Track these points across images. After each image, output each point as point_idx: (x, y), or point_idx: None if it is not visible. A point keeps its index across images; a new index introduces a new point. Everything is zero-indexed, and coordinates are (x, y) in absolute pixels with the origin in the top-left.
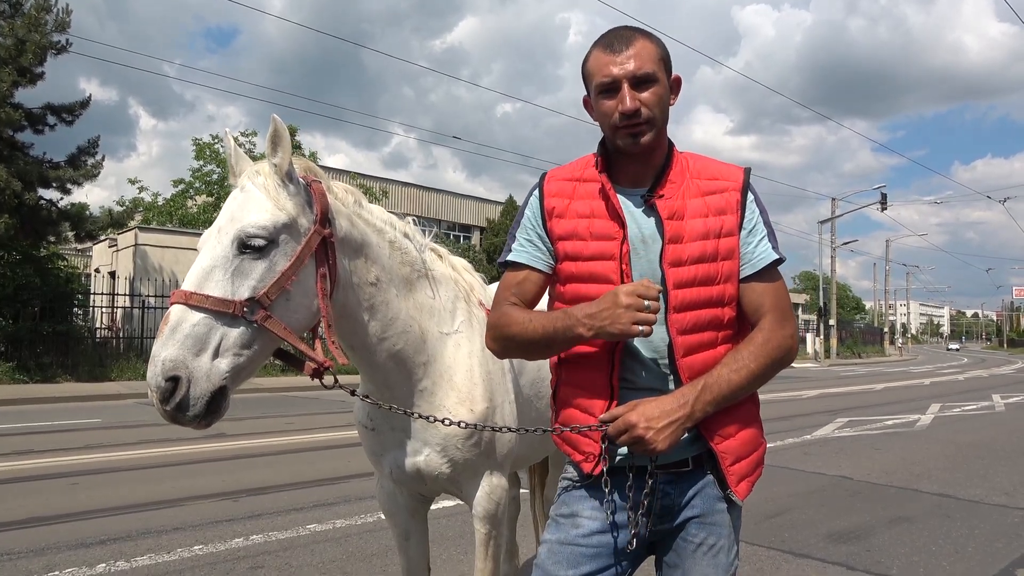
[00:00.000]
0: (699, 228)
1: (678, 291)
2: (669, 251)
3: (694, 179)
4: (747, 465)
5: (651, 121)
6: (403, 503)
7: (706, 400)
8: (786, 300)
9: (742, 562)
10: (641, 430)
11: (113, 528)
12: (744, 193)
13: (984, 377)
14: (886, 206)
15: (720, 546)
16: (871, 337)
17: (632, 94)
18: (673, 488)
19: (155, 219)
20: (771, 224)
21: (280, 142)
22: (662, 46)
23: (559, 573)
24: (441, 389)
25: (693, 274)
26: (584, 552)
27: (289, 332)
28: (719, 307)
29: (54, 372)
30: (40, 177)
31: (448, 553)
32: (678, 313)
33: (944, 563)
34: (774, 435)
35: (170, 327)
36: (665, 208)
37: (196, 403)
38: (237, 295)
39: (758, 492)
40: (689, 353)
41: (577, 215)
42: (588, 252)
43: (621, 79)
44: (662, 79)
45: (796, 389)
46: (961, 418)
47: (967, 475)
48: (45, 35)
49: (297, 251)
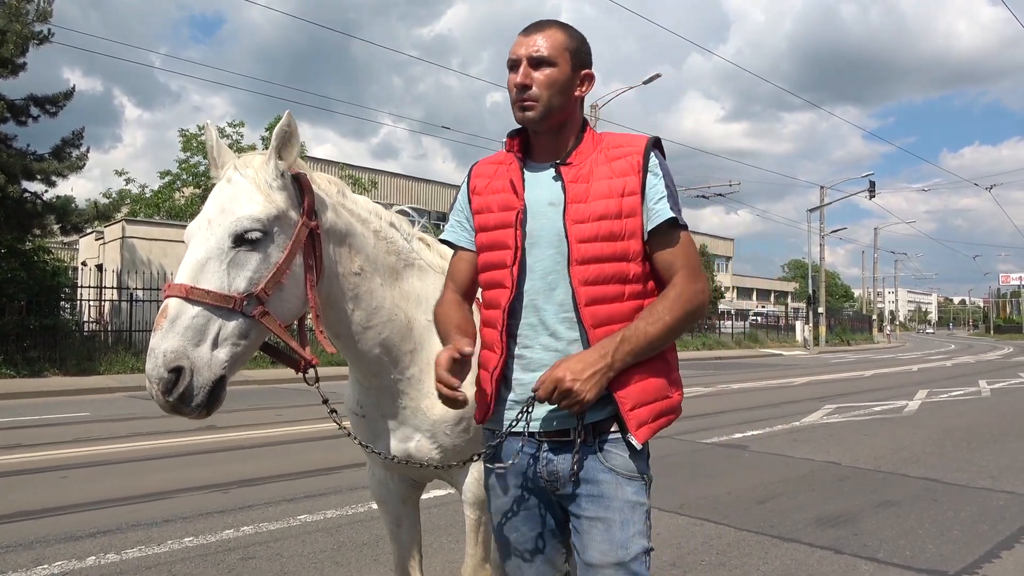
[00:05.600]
0: (603, 189)
1: (580, 245)
2: (571, 210)
3: (604, 150)
4: (648, 412)
5: (538, 99)
6: (394, 490)
7: (625, 351)
8: (695, 258)
9: (730, 547)
10: (569, 383)
11: (103, 521)
12: (646, 156)
13: (971, 363)
14: (874, 194)
15: (611, 520)
16: (860, 324)
17: (527, 71)
18: (556, 455)
19: (142, 211)
20: (675, 190)
21: (291, 139)
22: (576, 40)
23: (506, 538)
24: (428, 376)
25: (596, 231)
26: (516, 517)
27: (283, 329)
28: (624, 261)
29: (42, 366)
30: (24, 169)
31: (440, 542)
32: (581, 265)
33: (930, 546)
34: (763, 422)
35: (169, 319)
36: (570, 173)
37: (199, 393)
38: (234, 288)
39: (747, 478)
40: (592, 303)
41: (491, 191)
42: (492, 223)
43: (522, 57)
44: (562, 65)
45: (785, 376)
46: (948, 403)
47: (954, 459)
48: (26, 25)
49: (289, 244)
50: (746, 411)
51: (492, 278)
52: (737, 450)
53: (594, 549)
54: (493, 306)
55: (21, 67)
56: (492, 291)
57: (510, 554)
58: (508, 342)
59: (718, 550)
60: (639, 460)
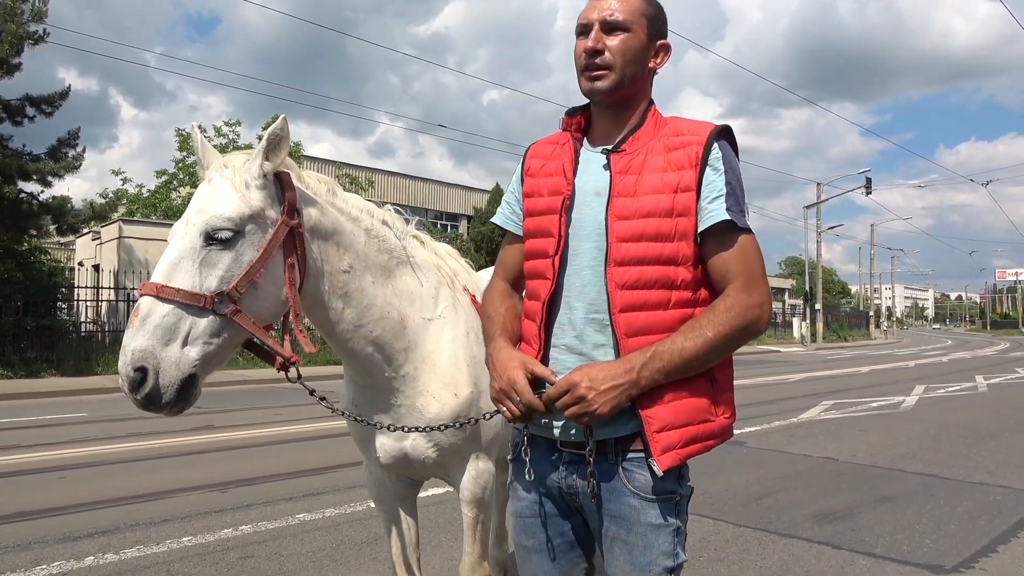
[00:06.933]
0: (655, 182)
1: (621, 244)
2: (615, 204)
3: (664, 137)
4: (678, 436)
5: (611, 67)
6: (391, 489)
7: (655, 368)
8: (755, 265)
9: (728, 543)
10: (583, 389)
11: (101, 521)
12: (707, 148)
13: (968, 359)
14: (871, 190)
15: (633, 543)
16: (857, 321)
17: (599, 36)
18: (575, 468)
19: (139, 211)
20: (739, 188)
21: (282, 143)
22: (654, 6)
23: (522, 543)
24: (424, 374)
25: (641, 229)
26: (532, 522)
27: (257, 327)
28: (672, 265)
29: (38, 367)
30: (20, 170)
31: (437, 539)
32: (619, 266)
33: (927, 540)
34: (761, 418)
35: (140, 318)
36: (619, 163)
37: (166, 391)
38: (205, 286)
39: (745, 474)
40: (629, 310)
41: (544, 174)
42: (540, 207)
43: (594, 22)
44: (637, 32)
45: (782, 373)
46: (945, 399)
47: (950, 455)
48: (22, 25)
49: (265, 242)
50: (743, 407)
51: (534, 267)
52: (734, 446)
53: (615, 567)
54: (534, 297)
55: (16, 67)
56: (534, 281)
57: (525, 559)
58: (546, 337)
59: (716, 546)
60: (667, 480)
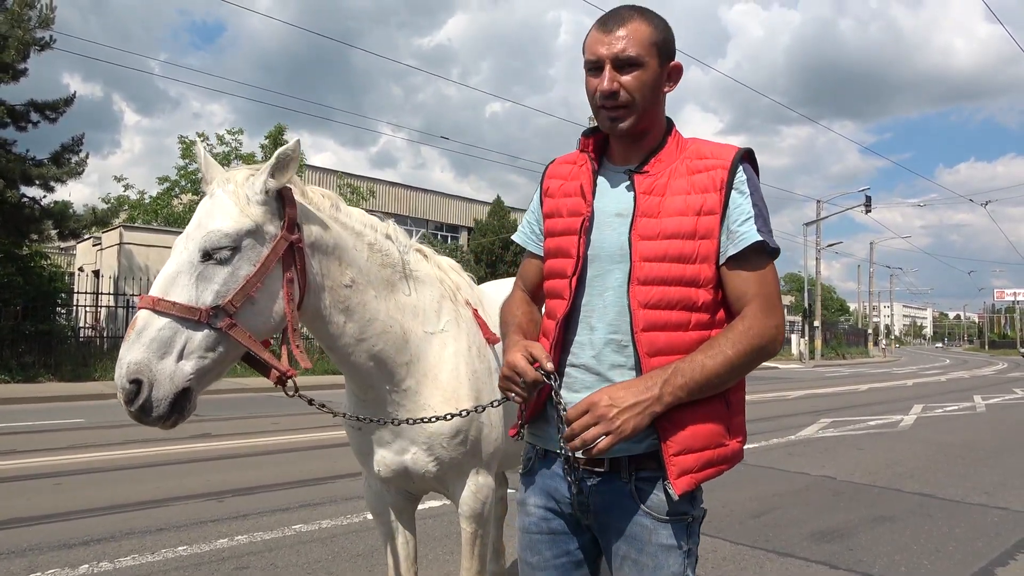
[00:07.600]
0: (678, 204)
1: (645, 264)
2: (639, 224)
3: (687, 159)
4: (695, 460)
5: (629, 105)
6: (390, 502)
7: (677, 384)
8: (773, 288)
9: (725, 561)
10: (604, 408)
11: (97, 529)
12: (732, 172)
13: (966, 378)
14: (870, 208)
15: (643, 563)
16: (855, 338)
17: (613, 75)
18: (587, 484)
19: (140, 217)
20: (765, 209)
21: (290, 164)
22: (662, 29)
23: (527, 559)
24: (426, 388)
25: (664, 250)
26: (539, 539)
27: (253, 340)
28: (693, 287)
29: (37, 372)
30: (23, 175)
31: (435, 553)
32: (643, 286)
33: (925, 562)
34: (759, 435)
35: (136, 331)
36: (643, 183)
37: (159, 404)
38: (201, 300)
39: (742, 491)
40: (651, 329)
41: (563, 194)
42: (560, 228)
43: (605, 59)
44: (650, 64)
45: (781, 390)
46: (943, 418)
47: (948, 475)
48: (28, 31)
49: (263, 257)
50: None
51: (553, 287)
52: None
53: None
54: (551, 316)
55: (22, 72)
56: (552, 301)
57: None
58: (560, 356)
59: (713, 564)
60: (681, 501)
